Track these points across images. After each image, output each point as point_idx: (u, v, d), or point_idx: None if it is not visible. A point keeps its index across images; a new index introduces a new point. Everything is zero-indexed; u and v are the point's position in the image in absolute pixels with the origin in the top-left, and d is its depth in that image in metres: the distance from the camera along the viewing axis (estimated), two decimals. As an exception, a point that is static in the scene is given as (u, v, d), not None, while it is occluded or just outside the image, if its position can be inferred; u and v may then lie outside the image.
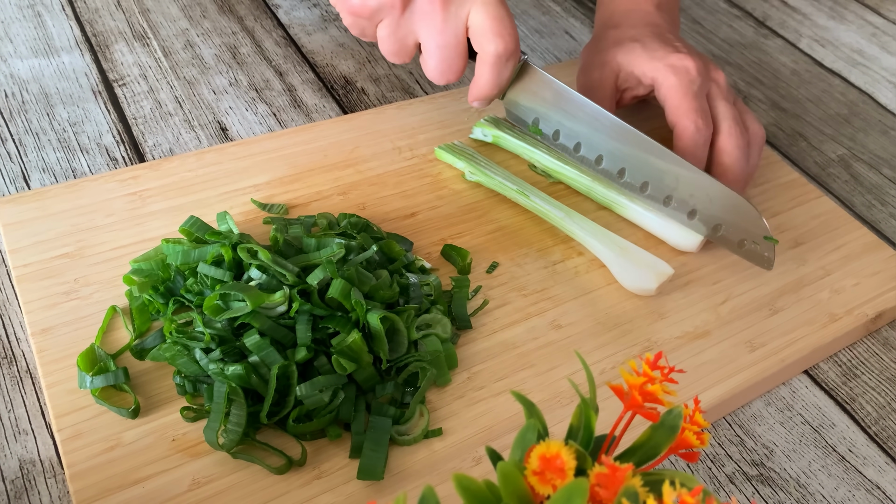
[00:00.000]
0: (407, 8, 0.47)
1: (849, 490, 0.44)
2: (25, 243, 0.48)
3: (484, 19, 0.47)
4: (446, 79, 0.50)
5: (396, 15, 0.47)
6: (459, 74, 0.50)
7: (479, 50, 0.49)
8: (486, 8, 0.47)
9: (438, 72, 0.49)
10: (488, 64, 0.49)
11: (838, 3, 0.88)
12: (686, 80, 0.53)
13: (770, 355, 0.48)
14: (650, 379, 0.28)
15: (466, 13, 0.47)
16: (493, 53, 0.48)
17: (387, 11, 0.47)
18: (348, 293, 0.42)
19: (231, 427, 0.39)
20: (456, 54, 0.49)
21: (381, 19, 0.48)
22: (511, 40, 0.48)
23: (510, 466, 0.26)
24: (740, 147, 0.53)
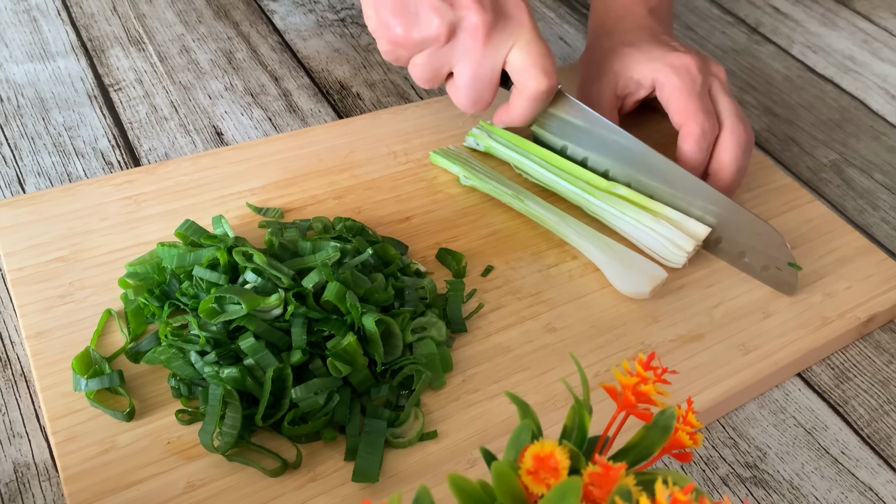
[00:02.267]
0: (449, 42, 0.48)
1: (841, 492, 0.44)
2: (20, 247, 0.48)
3: (527, 57, 0.48)
4: (476, 108, 0.51)
5: (438, 47, 0.48)
6: (488, 105, 0.51)
7: (520, 85, 0.50)
8: (529, 46, 0.48)
9: (470, 101, 0.50)
10: (528, 99, 0.50)
11: (830, 10, 0.89)
12: (688, 79, 0.54)
13: (763, 358, 0.48)
14: (643, 379, 0.29)
15: (508, 50, 0.48)
16: (536, 90, 0.50)
17: (429, 43, 0.48)
18: (343, 296, 0.42)
19: (226, 430, 0.39)
20: (488, 87, 0.50)
21: (421, 50, 0.49)
22: (553, 78, 0.49)
23: (504, 466, 0.26)
24: (741, 145, 0.53)
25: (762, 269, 0.52)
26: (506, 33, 0.48)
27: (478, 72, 0.49)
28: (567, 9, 0.83)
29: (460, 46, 0.48)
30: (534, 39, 0.48)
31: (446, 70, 0.50)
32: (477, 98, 0.50)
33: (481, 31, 0.47)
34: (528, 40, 0.48)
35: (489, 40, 0.48)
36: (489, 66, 0.49)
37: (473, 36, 0.47)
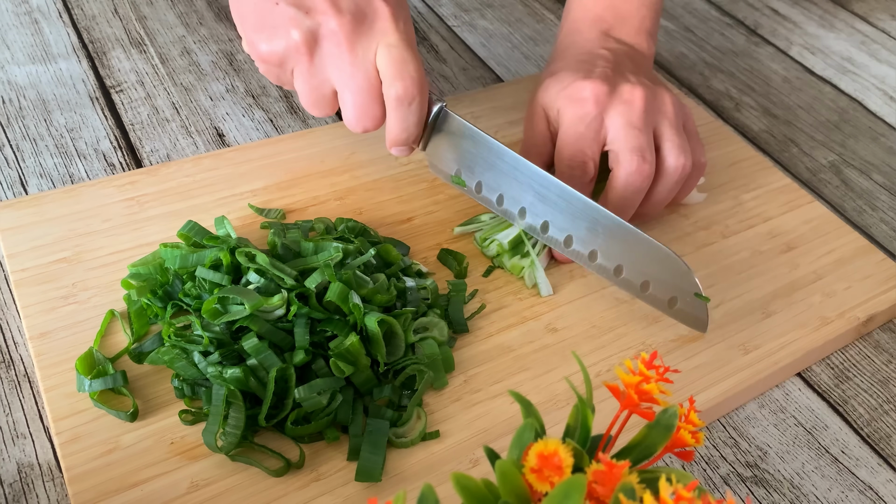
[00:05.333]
0: (315, 53, 0.44)
1: (842, 491, 0.45)
2: (23, 248, 0.48)
3: (387, 62, 0.44)
4: (363, 126, 0.46)
5: (305, 61, 0.45)
6: (377, 121, 0.46)
7: (384, 93, 0.45)
8: (389, 50, 0.44)
9: (355, 118, 0.46)
10: (390, 108, 0.46)
11: (828, 12, 0.89)
12: (578, 112, 0.50)
13: (763, 358, 0.49)
14: (646, 378, 0.29)
15: (374, 54, 0.44)
16: (393, 97, 0.45)
17: (294, 57, 0.45)
18: (346, 297, 0.42)
19: (229, 430, 0.39)
20: (371, 99, 0.45)
21: (292, 67, 0.45)
22: (411, 84, 0.45)
23: (508, 464, 0.26)
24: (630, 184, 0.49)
25: (669, 301, 0.47)
26: (369, 36, 0.44)
27: (352, 82, 0.44)
28: (567, 10, 0.83)
29: (327, 57, 0.44)
30: (396, 43, 0.44)
31: (327, 89, 0.46)
32: (361, 114, 0.45)
33: (342, 35, 0.43)
34: (389, 44, 0.44)
35: (354, 46, 0.44)
36: (362, 73, 0.44)
37: (336, 43, 0.44)
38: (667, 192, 0.51)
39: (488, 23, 0.80)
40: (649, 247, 0.46)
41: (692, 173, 0.52)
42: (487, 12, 0.81)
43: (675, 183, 0.51)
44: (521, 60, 0.75)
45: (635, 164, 0.48)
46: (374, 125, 0.46)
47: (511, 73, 0.73)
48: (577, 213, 0.47)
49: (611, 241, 0.47)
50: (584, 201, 0.47)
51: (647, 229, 0.56)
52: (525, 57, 0.76)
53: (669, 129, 0.51)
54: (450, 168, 0.51)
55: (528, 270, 0.50)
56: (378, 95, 0.45)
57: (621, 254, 0.47)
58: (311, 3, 0.44)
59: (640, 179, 0.49)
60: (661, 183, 0.51)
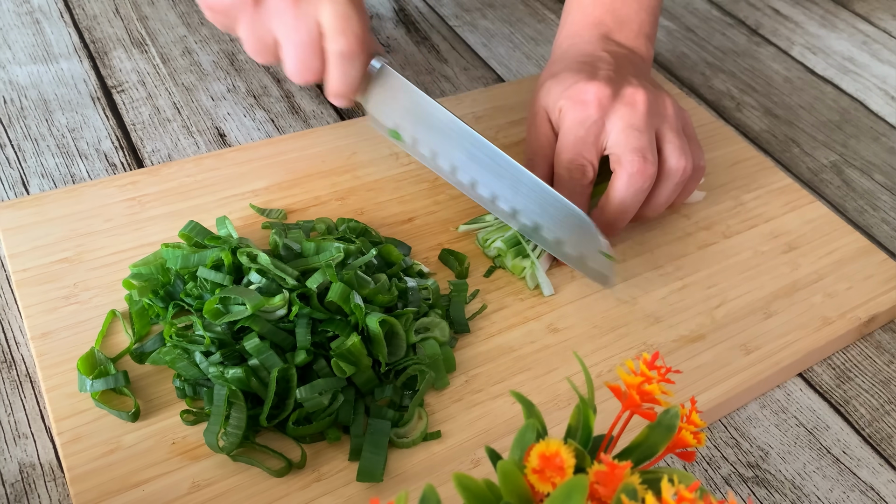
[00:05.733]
0: (260, 4, 0.45)
1: (843, 492, 0.44)
2: (25, 248, 0.48)
3: (330, 17, 0.45)
4: (304, 78, 0.47)
5: (250, 11, 0.46)
6: (317, 74, 0.47)
7: (326, 48, 0.46)
8: (333, 6, 0.45)
9: (295, 70, 0.47)
10: (331, 63, 0.47)
11: (829, 12, 0.89)
12: (580, 114, 0.50)
13: (764, 358, 0.49)
14: (647, 378, 0.29)
15: (317, 10, 0.45)
16: (335, 52, 0.46)
17: (239, 7, 0.46)
18: (347, 297, 0.42)
19: (231, 430, 0.39)
20: (311, 53, 0.46)
21: (238, 16, 0.46)
22: (354, 39, 0.46)
23: (510, 465, 0.26)
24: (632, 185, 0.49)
25: (579, 258, 0.49)
26: None
27: (295, 36, 0.45)
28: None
29: (271, 10, 0.45)
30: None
31: (270, 39, 0.47)
32: (302, 67, 0.47)
33: None
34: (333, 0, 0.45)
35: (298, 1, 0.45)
36: (304, 27, 0.45)
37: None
38: (668, 194, 0.52)
39: (489, 23, 0.80)
40: (565, 207, 0.47)
41: (692, 177, 0.52)
42: (489, 12, 0.81)
43: (677, 185, 0.51)
44: (523, 60, 0.75)
45: (638, 165, 0.48)
46: (314, 78, 0.47)
47: (512, 74, 0.73)
48: (501, 172, 0.49)
49: (529, 201, 0.48)
50: (509, 161, 0.48)
51: (648, 229, 0.56)
52: (526, 57, 0.76)
53: (670, 132, 0.51)
54: (388, 122, 0.52)
55: (528, 271, 0.50)
56: (318, 50, 0.46)
57: (540, 212, 0.49)
58: None
59: (642, 180, 0.49)
60: (662, 185, 0.51)
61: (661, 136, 0.51)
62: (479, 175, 0.49)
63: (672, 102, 0.52)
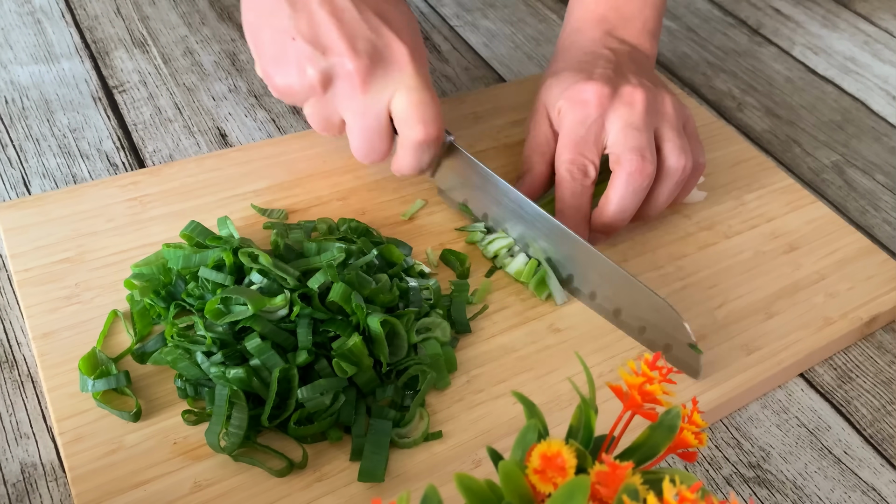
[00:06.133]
0: (329, 90, 0.46)
1: (844, 492, 0.44)
2: (26, 248, 0.48)
3: (407, 105, 0.46)
4: (370, 159, 0.49)
5: (319, 96, 0.46)
6: (384, 155, 0.49)
7: (401, 134, 0.47)
8: (409, 94, 0.46)
9: (363, 153, 0.48)
10: (408, 149, 0.48)
11: (831, 12, 0.89)
12: (580, 114, 0.50)
13: (766, 359, 0.49)
14: (649, 379, 0.29)
15: (389, 97, 0.46)
16: (414, 140, 0.47)
17: (309, 94, 0.46)
18: (349, 297, 0.42)
19: (232, 430, 0.39)
20: (379, 137, 0.47)
21: (306, 98, 0.47)
22: (433, 128, 0.47)
23: (512, 465, 0.26)
24: (631, 185, 0.49)
25: (664, 347, 0.47)
26: (386, 79, 0.46)
27: (363, 122, 0.47)
28: (569, 10, 0.83)
29: (340, 95, 0.46)
30: (416, 86, 0.46)
31: (336, 119, 0.48)
32: (369, 149, 0.48)
33: (357, 78, 0.45)
34: (409, 87, 0.46)
35: (367, 87, 0.45)
36: (373, 114, 0.46)
37: (350, 83, 0.45)
38: (668, 192, 0.52)
39: (491, 23, 0.80)
40: (644, 294, 0.46)
41: (692, 174, 0.53)
42: (490, 12, 0.81)
43: (677, 183, 0.51)
44: (524, 60, 0.75)
45: (636, 164, 0.48)
46: (380, 160, 0.49)
47: (513, 74, 0.73)
48: (575, 252, 0.49)
49: (609, 284, 0.48)
50: (580, 242, 0.48)
51: (649, 229, 0.56)
52: (528, 57, 0.76)
53: (670, 131, 0.51)
54: (458, 197, 0.54)
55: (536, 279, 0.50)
56: (387, 135, 0.48)
57: (618, 297, 0.48)
58: (327, 42, 0.45)
59: (641, 179, 0.49)
60: (662, 183, 0.51)
61: (660, 134, 0.51)
62: (552, 255, 0.50)
63: (672, 100, 0.52)
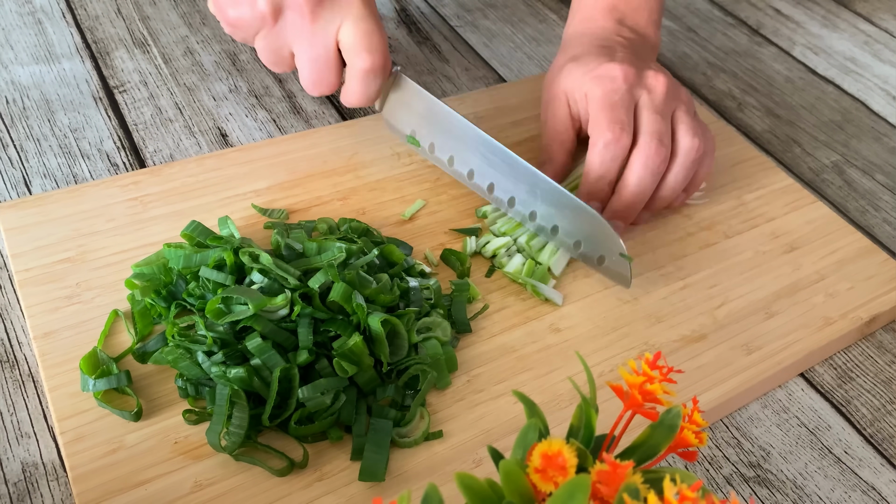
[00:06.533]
0: (279, 21, 0.47)
1: (845, 491, 0.45)
2: (27, 248, 0.48)
3: (353, 35, 0.47)
4: (319, 90, 0.50)
5: (269, 27, 0.48)
6: (333, 87, 0.50)
7: (348, 63, 0.49)
8: (356, 23, 0.47)
9: (311, 83, 0.50)
10: (356, 78, 0.49)
11: (831, 12, 0.89)
12: (609, 88, 0.51)
13: (766, 358, 0.49)
14: (650, 378, 0.29)
15: (336, 28, 0.48)
16: (361, 68, 0.49)
17: (259, 24, 0.48)
18: (349, 297, 0.42)
19: (233, 429, 0.39)
20: (327, 67, 0.49)
21: (257, 31, 0.49)
22: (379, 56, 0.48)
23: (512, 464, 0.26)
24: (649, 167, 0.50)
25: (598, 260, 0.50)
26: (334, 10, 0.47)
27: (312, 52, 0.48)
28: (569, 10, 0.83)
29: (290, 26, 0.48)
30: (362, 16, 0.47)
31: (286, 52, 0.49)
32: (317, 79, 0.49)
33: (305, 7, 0.47)
34: (356, 17, 0.47)
35: (316, 18, 0.47)
36: (322, 44, 0.48)
37: (300, 13, 0.47)
38: (682, 174, 0.53)
39: (491, 23, 0.80)
40: (582, 210, 0.49)
41: (704, 158, 0.54)
42: (490, 12, 0.81)
43: (690, 164, 0.53)
44: (524, 60, 0.75)
45: (654, 147, 0.50)
46: (329, 91, 0.50)
47: (514, 74, 0.73)
48: (518, 176, 0.50)
49: (547, 204, 0.50)
50: (525, 166, 0.50)
51: (650, 229, 0.56)
52: (528, 57, 0.76)
53: (685, 115, 0.53)
54: (405, 128, 0.54)
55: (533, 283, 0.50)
56: (335, 65, 0.49)
57: (556, 215, 0.50)
58: None
59: (657, 162, 0.50)
60: (675, 164, 0.52)
61: (675, 118, 0.53)
62: (496, 179, 0.52)
63: (685, 89, 0.55)
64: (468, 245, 0.52)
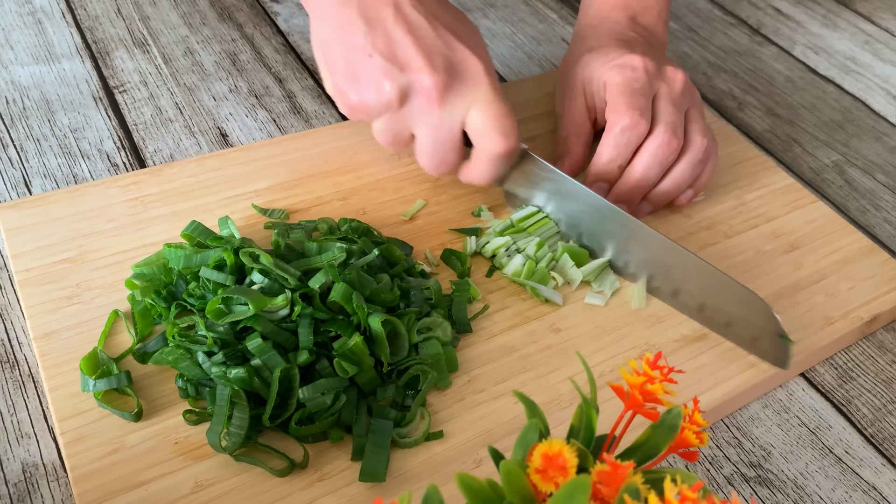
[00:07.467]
0: (405, 105, 0.46)
1: (845, 491, 0.44)
2: (27, 248, 0.48)
3: (484, 119, 0.47)
4: (440, 171, 0.49)
5: (394, 111, 0.47)
6: (454, 168, 0.50)
7: (479, 146, 0.48)
8: (487, 107, 0.46)
9: (432, 165, 0.49)
10: (486, 161, 0.48)
11: (831, 12, 0.89)
12: (630, 76, 0.52)
13: (767, 358, 0.49)
14: (650, 378, 0.29)
15: (464, 112, 0.47)
16: (493, 152, 0.48)
17: (383, 109, 0.47)
18: (350, 297, 0.42)
19: (233, 430, 0.39)
20: (452, 150, 0.48)
21: (380, 115, 0.47)
22: (513, 139, 0.48)
23: (513, 465, 0.26)
24: (657, 157, 0.51)
25: (752, 340, 0.47)
26: (462, 94, 0.46)
27: (437, 135, 0.47)
28: (570, 10, 0.83)
29: (416, 110, 0.47)
30: (492, 100, 0.47)
31: (407, 133, 0.48)
32: (439, 161, 0.49)
33: (434, 93, 0.45)
34: (486, 101, 0.46)
35: (444, 102, 0.46)
36: (447, 128, 0.47)
37: (427, 99, 0.46)
38: (688, 171, 0.53)
39: (491, 22, 0.80)
40: (731, 286, 0.47)
41: (709, 163, 0.55)
42: (490, 12, 0.81)
43: (697, 163, 0.53)
44: (525, 60, 0.75)
45: (666, 137, 0.51)
46: (450, 170, 0.50)
47: (514, 73, 0.73)
48: (658, 254, 0.49)
49: (694, 280, 0.48)
50: (666, 241, 0.49)
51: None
52: (528, 57, 0.76)
53: (697, 114, 0.54)
54: (526, 201, 0.54)
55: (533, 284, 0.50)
56: (459, 147, 0.48)
57: (703, 292, 0.48)
58: (405, 59, 0.45)
59: (667, 152, 0.51)
60: (683, 160, 0.53)
61: (688, 116, 0.54)
62: (632, 256, 0.51)
63: (698, 91, 0.56)
64: (468, 245, 0.52)
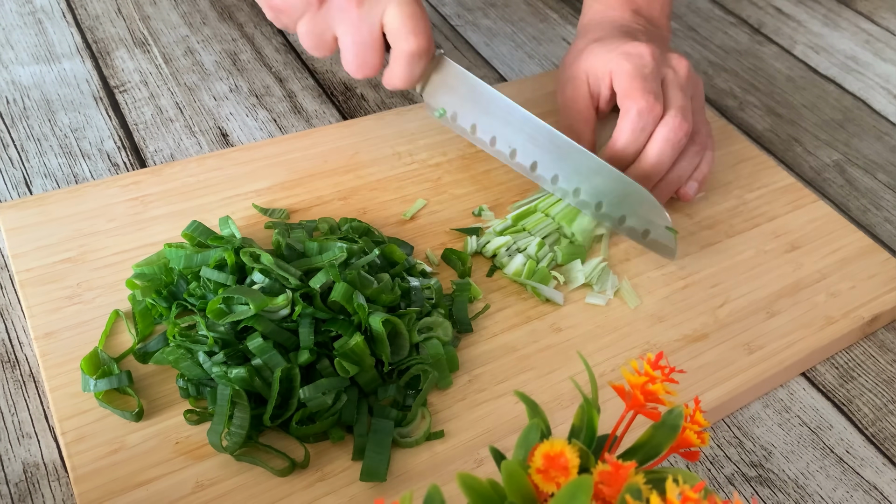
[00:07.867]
0: (324, 5, 0.48)
1: (847, 491, 0.44)
2: (28, 248, 0.48)
3: (398, 18, 0.48)
4: (363, 73, 0.50)
5: (314, 11, 0.48)
6: (376, 70, 0.50)
7: (394, 46, 0.49)
8: (400, 7, 0.48)
9: (355, 66, 0.50)
10: (400, 60, 0.50)
11: (832, 11, 0.89)
12: (638, 63, 0.52)
13: (768, 358, 0.49)
14: (651, 378, 0.29)
15: (381, 11, 0.48)
16: (407, 51, 0.49)
17: (304, 8, 0.48)
18: (350, 296, 0.42)
19: (234, 430, 0.39)
20: (371, 50, 0.49)
21: (301, 16, 0.49)
22: (424, 39, 0.49)
23: (514, 465, 0.26)
24: (671, 141, 0.52)
25: (643, 233, 0.52)
26: None
27: (356, 36, 0.49)
28: (570, 10, 0.83)
29: (335, 10, 0.48)
30: (405, 1, 0.48)
31: (329, 35, 0.50)
32: (361, 62, 0.50)
33: None
34: (399, 1, 0.48)
35: (361, 2, 0.47)
36: (366, 28, 0.48)
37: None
38: (694, 159, 0.54)
39: (491, 22, 0.80)
40: (626, 184, 0.50)
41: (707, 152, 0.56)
42: (491, 11, 0.81)
43: (699, 150, 0.55)
44: (525, 59, 0.75)
45: (678, 122, 0.52)
46: (373, 73, 0.51)
47: (514, 72, 0.73)
48: (561, 153, 0.52)
49: (593, 179, 0.52)
50: (570, 143, 0.51)
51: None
52: (528, 56, 0.76)
53: (698, 104, 0.56)
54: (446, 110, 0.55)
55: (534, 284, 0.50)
56: (380, 48, 0.50)
57: (601, 191, 0.52)
58: None
59: (680, 136, 0.52)
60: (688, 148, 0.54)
61: None
62: (540, 157, 0.53)
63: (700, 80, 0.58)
64: (469, 244, 0.52)
